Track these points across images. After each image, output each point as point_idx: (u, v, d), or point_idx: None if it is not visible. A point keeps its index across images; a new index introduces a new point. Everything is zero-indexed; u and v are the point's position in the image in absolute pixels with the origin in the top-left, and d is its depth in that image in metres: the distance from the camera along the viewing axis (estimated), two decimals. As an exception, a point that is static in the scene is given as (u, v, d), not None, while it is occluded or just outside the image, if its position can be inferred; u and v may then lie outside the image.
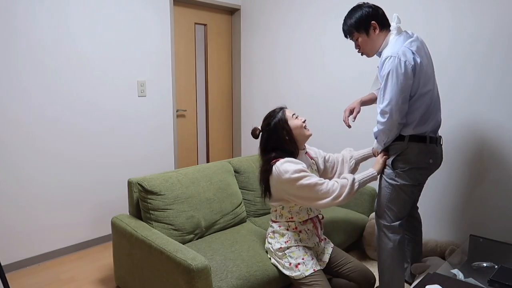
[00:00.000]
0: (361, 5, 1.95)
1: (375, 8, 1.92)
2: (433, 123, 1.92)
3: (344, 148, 2.29)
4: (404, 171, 1.91)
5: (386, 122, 1.83)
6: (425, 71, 1.84)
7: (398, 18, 1.90)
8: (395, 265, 1.99)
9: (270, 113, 1.98)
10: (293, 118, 1.94)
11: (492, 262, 1.97)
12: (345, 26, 1.98)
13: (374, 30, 1.91)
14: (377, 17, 1.90)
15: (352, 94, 3.00)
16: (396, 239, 1.96)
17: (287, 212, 1.98)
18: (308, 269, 1.91)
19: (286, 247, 1.97)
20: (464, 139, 2.45)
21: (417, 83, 1.82)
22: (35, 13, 2.52)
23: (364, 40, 1.94)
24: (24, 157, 2.58)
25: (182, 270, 1.72)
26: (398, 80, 1.76)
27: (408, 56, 1.77)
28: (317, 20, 3.15)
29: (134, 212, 2.29)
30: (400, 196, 1.94)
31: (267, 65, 3.62)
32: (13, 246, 2.60)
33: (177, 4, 3.40)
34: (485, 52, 2.31)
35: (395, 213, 1.97)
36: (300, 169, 1.82)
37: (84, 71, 2.80)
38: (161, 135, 3.35)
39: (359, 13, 1.91)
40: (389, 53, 1.81)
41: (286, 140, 1.92)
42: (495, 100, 2.31)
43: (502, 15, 2.23)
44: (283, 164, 1.85)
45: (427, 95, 1.86)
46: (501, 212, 2.35)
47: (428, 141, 1.89)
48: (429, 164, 1.93)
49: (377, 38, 1.92)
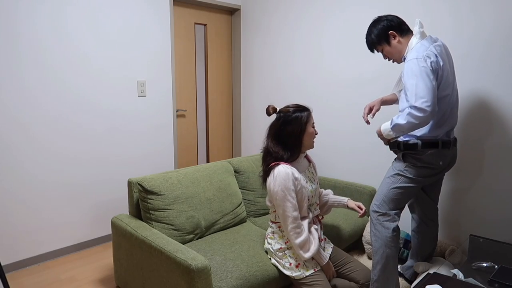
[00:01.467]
0: (377, 20, 2.05)
1: (390, 19, 2.01)
2: (447, 127, 1.97)
3: (344, 149, 2.28)
4: (413, 167, 1.96)
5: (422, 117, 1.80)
6: (446, 76, 1.89)
7: (420, 23, 1.96)
8: (389, 255, 1.99)
9: (296, 105, 1.99)
10: (311, 125, 1.99)
11: (492, 262, 1.97)
12: (367, 42, 2.09)
13: (394, 38, 2.00)
14: (393, 27, 1.99)
15: (352, 94, 3.00)
16: (391, 227, 1.99)
17: None
18: (308, 269, 1.92)
19: (286, 248, 1.97)
20: (464, 139, 2.45)
21: (437, 86, 1.86)
22: (36, 14, 2.52)
23: (388, 50, 2.04)
24: (24, 156, 2.58)
25: (182, 270, 1.72)
26: (429, 78, 1.79)
27: (432, 58, 1.83)
28: (318, 20, 3.15)
29: (134, 212, 2.29)
30: (403, 188, 1.99)
31: (267, 65, 3.62)
32: (13, 246, 2.60)
33: (177, 4, 3.40)
34: (483, 53, 2.32)
35: (394, 203, 2.00)
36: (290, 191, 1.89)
37: (84, 71, 2.81)
38: (161, 135, 3.35)
39: (376, 28, 2.02)
40: (415, 55, 1.85)
41: (296, 138, 1.95)
42: (495, 100, 2.31)
43: (500, 15, 2.23)
44: (280, 173, 1.90)
45: (444, 100, 1.91)
46: (501, 212, 2.35)
47: (440, 146, 1.94)
48: (439, 166, 1.98)
49: (400, 44, 2.00)
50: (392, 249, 1.99)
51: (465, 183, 2.48)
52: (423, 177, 1.99)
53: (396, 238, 2.01)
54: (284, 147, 1.96)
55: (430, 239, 2.28)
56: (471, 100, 2.40)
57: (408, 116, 1.84)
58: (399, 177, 2.00)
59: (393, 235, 1.99)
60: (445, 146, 1.96)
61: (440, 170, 2.03)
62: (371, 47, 2.10)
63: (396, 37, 1.99)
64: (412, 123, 1.84)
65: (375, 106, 2.17)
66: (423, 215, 2.25)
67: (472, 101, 2.40)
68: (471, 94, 2.40)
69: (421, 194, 2.20)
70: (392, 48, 2.01)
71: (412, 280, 2.29)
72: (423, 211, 2.24)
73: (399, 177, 2.00)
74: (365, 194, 2.79)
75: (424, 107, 1.78)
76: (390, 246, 1.99)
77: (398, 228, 2.02)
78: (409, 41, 1.98)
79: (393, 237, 1.99)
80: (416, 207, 2.26)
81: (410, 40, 1.97)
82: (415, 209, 2.27)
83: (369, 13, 2.80)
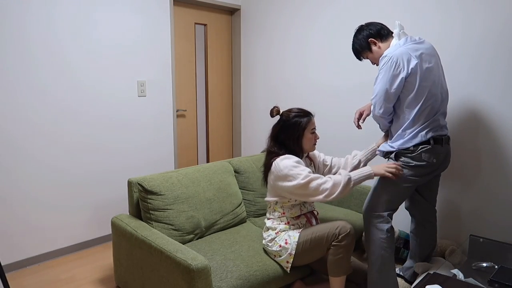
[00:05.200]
0: (359, 29, 2.12)
1: (369, 28, 2.08)
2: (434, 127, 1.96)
3: (345, 149, 2.30)
4: (407, 166, 1.96)
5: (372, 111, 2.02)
6: (426, 76, 1.89)
7: (400, 25, 2.00)
8: (384, 256, 1.99)
9: (298, 110, 2.04)
10: (310, 131, 2.02)
11: (492, 262, 1.97)
12: (353, 52, 2.17)
13: (374, 44, 2.06)
14: (372, 34, 2.06)
15: (353, 94, 3.00)
16: (385, 228, 1.98)
17: (280, 207, 2.03)
18: (295, 236, 1.95)
19: (275, 236, 2.00)
20: (464, 138, 2.45)
21: (414, 85, 1.88)
22: (36, 14, 2.53)
23: (372, 56, 2.11)
24: (24, 157, 2.58)
25: (182, 270, 1.72)
26: (386, 77, 1.90)
27: (403, 57, 1.87)
28: (318, 20, 3.15)
29: (134, 212, 2.29)
30: (397, 188, 1.99)
31: (267, 65, 3.62)
32: (13, 246, 2.60)
33: (177, 4, 3.40)
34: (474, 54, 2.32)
35: (388, 204, 2.00)
36: (296, 165, 1.90)
37: (84, 71, 2.80)
38: (161, 135, 3.35)
39: (358, 38, 2.11)
40: (386, 53, 1.94)
41: (294, 141, 2.01)
42: (491, 101, 2.31)
43: (491, 16, 2.23)
44: (282, 160, 1.93)
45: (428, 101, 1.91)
46: (501, 212, 2.35)
47: (432, 143, 1.95)
48: (433, 163, 1.97)
49: (380, 49, 2.06)
50: (387, 250, 1.99)
51: (465, 183, 2.48)
52: (417, 176, 1.97)
53: (391, 239, 2.00)
54: (285, 148, 2.01)
55: (429, 240, 2.28)
56: (467, 102, 2.40)
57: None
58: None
59: (387, 236, 1.98)
60: (437, 142, 1.95)
61: (434, 168, 2.01)
62: (357, 55, 2.17)
63: (376, 43, 2.06)
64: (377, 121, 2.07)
65: (365, 111, 2.23)
66: (420, 217, 2.25)
67: (468, 102, 2.40)
68: (468, 95, 2.40)
69: (417, 196, 2.20)
70: (374, 54, 2.08)
71: (412, 280, 2.28)
72: (420, 213, 2.24)
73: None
74: (365, 195, 2.78)
75: (373, 102, 1.99)
76: (384, 248, 1.98)
77: (392, 229, 2.01)
78: (389, 44, 2.03)
79: (387, 239, 1.98)
80: (414, 210, 2.26)
81: (390, 43, 2.03)
82: (413, 211, 2.27)
83: (363, 15, 2.80)
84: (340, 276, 1.91)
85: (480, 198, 2.42)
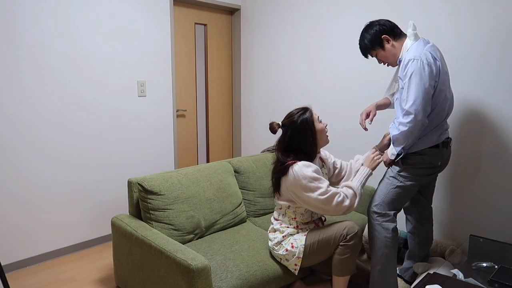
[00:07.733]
0: (369, 25, 2.03)
1: (382, 24, 1.99)
2: (443, 130, 1.98)
3: (344, 147, 2.29)
4: (413, 167, 1.97)
5: (409, 122, 1.83)
6: (443, 75, 1.89)
7: (414, 25, 1.95)
8: (388, 256, 1.99)
9: (296, 111, 1.96)
10: (318, 121, 1.96)
11: (492, 262, 1.97)
12: (361, 48, 2.08)
13: (388, 42, 1.99)
14: (386, 31, 1.98)
15: (353, 94, 3.00)
16: (390, 227, 1.99)
17: (292, 212, 1.99)
18: (301, 239, 1.93)
19: (282, 239, 1.99)
20: (464, 138, 2.44)
21: (433, 86, 1.86)
22: (37, 14, 2.52)
23: (383, 54, 2.03)
24: (24, 156, 2.58)
25: (182, 270, 1.72)
26: (422, 81, 1.80)
27: (429, 59, 1.83)
28: (318, 20, 3.15)
29: (134, 212, 2.29)
30: (403, 188, 2.00)
31: (267, 65, 3.62)
32: (13, 246, 2.60)
33: (177, 4, 3.40)
34: (483, 53, 2.31)
35: (394, 203, 2.01)
36: (316, 177, 1.84)
37: (84, 71, 2.80)
38: (161, 135, 3.35)
39: (369, 33, 2.01)
40: (412, 56, 1.85)
41: (310, 142, 1.93)
42: (492, 102, 2.31)
43: (499, 16, 2.23)
44: (301, 168, 1.85)
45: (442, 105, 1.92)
46: (501, 212, 2.35)
47: (441, 146, 1.96)
48: (437, 165, 2.01)
49: (394, 48, 1.99)
50: (391, 249, 1.99)
51: (464, 183, 2.48)
52: (421, 176, 2.00)
53: (395, 239, 2.01)
54: (301, 152, 1.93)
55: (426, 238, 2.29)
56: (469, 102, 2.40)
57: (399, 126, 1.86)
58: (399, 177, 2.00)
59: (393, 235, 1.99)
60: (444, 145, 1.99)
61: (438, 170, 2.05)
62: (364, 52, 2.09)
63: (390, 41, 1.98)
64: (404, 132, 1.85)
65: (371, 111, 2.15)
66: (418, 215, 2.26)
67: (469, 102, 2.40)
68: (469, 95, 2.40)
69: (416, 195, 2.21)
70: (386, 52, 2.00)
71: (411, 281, 2.28)
72: (419, 212, 2.25)
73: (399, 177, 2.00)
74: (365, 194, 2.78)
75: (412, 110, 1.80)
76: (389, 247, 1.99)
77: (396, 229, 2.02)
78: (403, 43, 1.97)
79: (392, 238, 1.99)
80: (412, 208, 2.27)
81: (404, 43, 1.97)
82: (410, 210, 2.28)
83: (369, 15, 2.80)
84: (344, 276, 1.91)
85: (480, 198, 2.42)
